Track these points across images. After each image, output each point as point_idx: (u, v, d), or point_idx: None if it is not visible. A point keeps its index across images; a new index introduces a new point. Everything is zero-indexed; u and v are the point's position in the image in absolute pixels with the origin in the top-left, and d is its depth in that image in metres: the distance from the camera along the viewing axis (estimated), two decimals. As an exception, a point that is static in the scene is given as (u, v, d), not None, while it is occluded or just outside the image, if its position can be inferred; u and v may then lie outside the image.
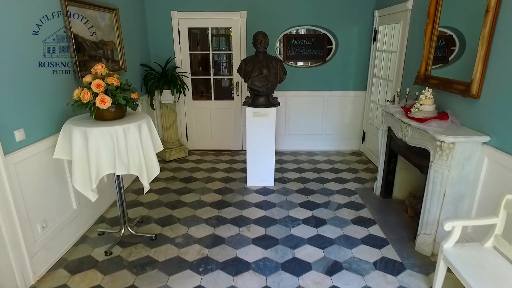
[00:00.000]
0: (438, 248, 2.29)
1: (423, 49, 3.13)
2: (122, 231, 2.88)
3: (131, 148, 2.44)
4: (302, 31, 5.24)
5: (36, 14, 2.42)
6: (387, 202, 3.60)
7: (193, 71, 5.18)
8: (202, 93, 5.64)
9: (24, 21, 2.30)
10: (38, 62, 2.43)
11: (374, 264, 2.59)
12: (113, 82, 2.40)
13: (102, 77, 2.40)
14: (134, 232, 2.92)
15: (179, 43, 4.82)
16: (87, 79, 2.40)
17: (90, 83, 2.34)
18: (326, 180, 4.19)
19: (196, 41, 5.58)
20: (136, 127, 2.46)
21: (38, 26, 2.42)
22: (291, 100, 5.11)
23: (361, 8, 4.68)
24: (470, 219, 2.44)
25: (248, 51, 4.72)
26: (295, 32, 5.07)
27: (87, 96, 2.32)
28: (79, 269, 2.53)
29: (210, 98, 5.17)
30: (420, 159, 2.79)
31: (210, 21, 4.78)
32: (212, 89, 5.10)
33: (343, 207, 3.50)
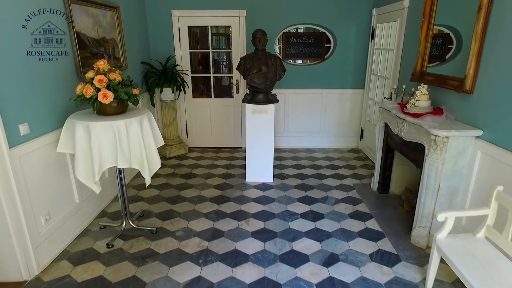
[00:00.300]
0: (432, 240, 2.34)
1: (419, 46, 3.19)
2: (124, 225, 2.93)
3: (132, 142, 2.50)
4: (301, 30, 5.30)
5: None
6: (384, 197, 3.66)
7: (193, 69, 5.24)
8: (202, 91, 5.69)
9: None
10: (38, 59, 2.47)
11: (370, 256, 2.65)
12: (115, 77, 2.46)
13: (104, 72, 2.46)
14: (135, 226, 2.98)
15: (179, 41, 4.88)
16: (90, 74, 2.45)
17: (93, 78, 2.40)
18: (324, 176, 4.25)
19: (196, 39, 5.63)
20: (137, 121, 2.52)
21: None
22: (290, 98, 5.16)
23: (359, 7, 4.74)
24: (462, 210, 2.50)
25: (248, 50, 4.78)
26: (294, 30, 5.13)
27: (89, 91, 2.37)
28: (81, 260, 2.58)
29: (210, 96, 5.22)
30: (416, 154, 2.85)
31: (210, 19, 4.83)
32: (212, 87, 5.15)
33: (340, 202, 3.55)
